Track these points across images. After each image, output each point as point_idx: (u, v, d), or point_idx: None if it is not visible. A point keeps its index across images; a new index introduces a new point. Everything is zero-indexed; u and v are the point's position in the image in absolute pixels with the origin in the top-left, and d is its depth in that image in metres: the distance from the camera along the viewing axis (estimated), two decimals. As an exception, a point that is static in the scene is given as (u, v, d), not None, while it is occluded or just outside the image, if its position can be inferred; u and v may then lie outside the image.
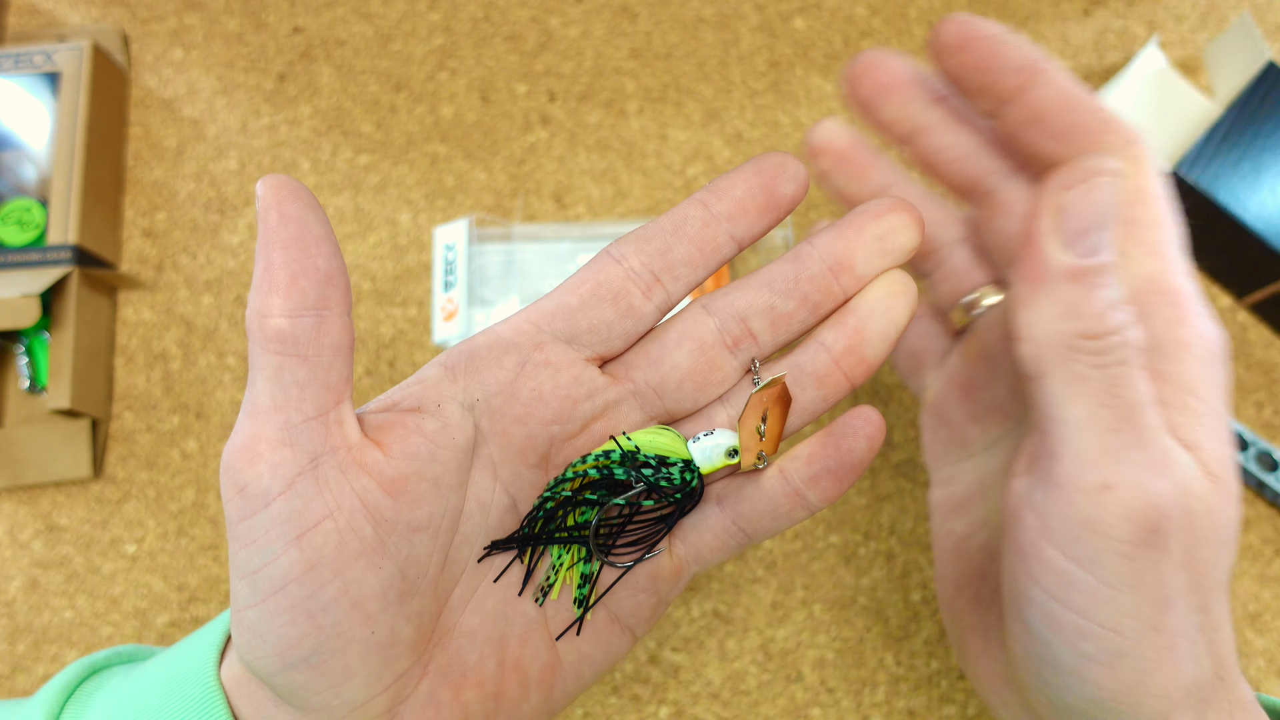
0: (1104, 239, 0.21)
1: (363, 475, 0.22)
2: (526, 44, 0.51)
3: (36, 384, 0.43)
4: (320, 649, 0.21)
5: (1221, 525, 0.20)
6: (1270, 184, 0.43)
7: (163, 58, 0.51)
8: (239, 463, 0.21)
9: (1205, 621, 0.21)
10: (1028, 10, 0.51)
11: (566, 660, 0.26)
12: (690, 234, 0.24)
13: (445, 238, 0.44)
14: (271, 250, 0.21)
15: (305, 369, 0.21)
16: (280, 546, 0.21)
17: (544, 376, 0.24)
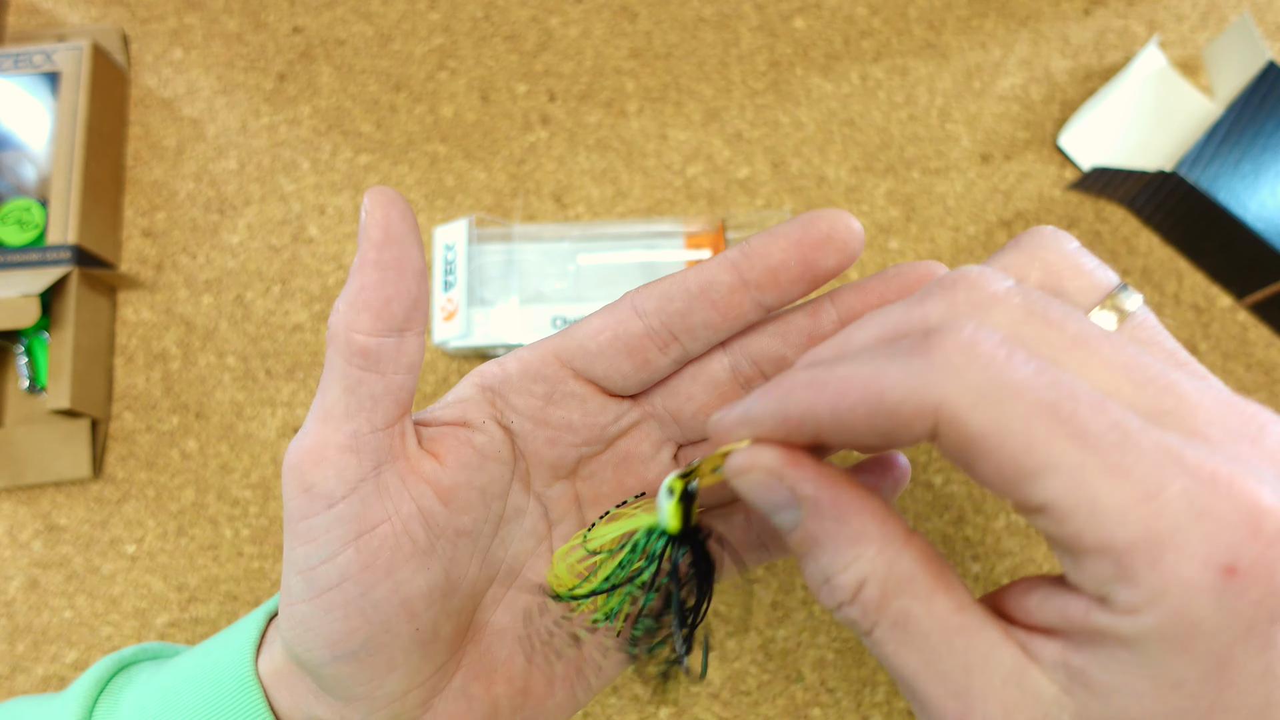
0: (786, 519, 0.20)
1: (420, 483, 0.23)
2: (526, 44, 0.51)
3: (36, 384, 0.43)
4: (368, 643, 0.22)
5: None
6: (1270, 184, 0.43)
7: (162, 57, 0.51)
8: (306, 464, 0.22)
9: None
10: (1028, 10, 0.51)
11: (591, 658, 0.27)
12: (714, 299, 0.23)
13: (445, 238, 0.44)
14: (370, 270, 0.22)
15: (381, 384, 0.22)
16: (339, 546, 0.22)
17: (571, 406, 0.25)
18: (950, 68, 0.50)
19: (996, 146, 0.48)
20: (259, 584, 0.41)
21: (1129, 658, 0.16)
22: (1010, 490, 0.16)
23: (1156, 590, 0.15)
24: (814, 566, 0.19)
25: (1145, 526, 0.15)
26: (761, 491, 0.20)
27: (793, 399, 0.19)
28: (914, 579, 0.18)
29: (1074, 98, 0.49)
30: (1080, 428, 0.16)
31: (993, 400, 0.16)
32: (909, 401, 0.16)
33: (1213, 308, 0.46)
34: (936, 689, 0.18)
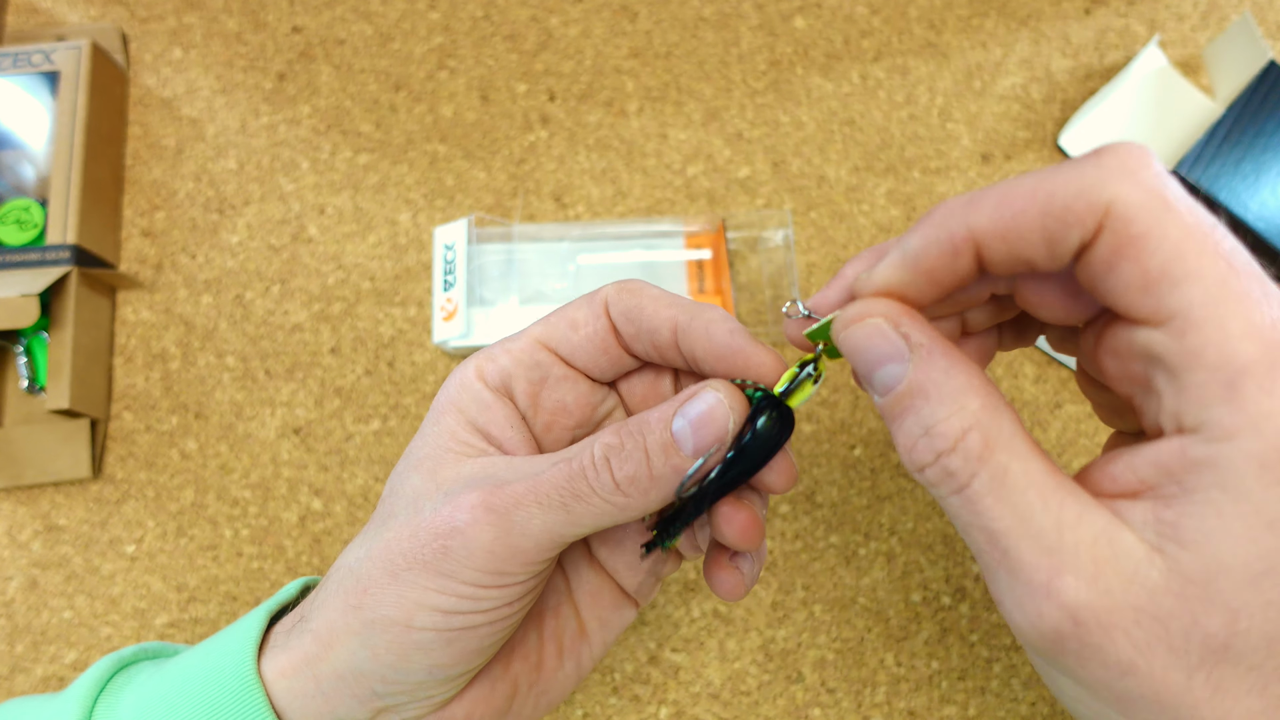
0: (891, 372, 0.20)
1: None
2: (526, 43, 0.51)
3: (36, 384, 0.43)
4: (468, 663, 0.24)
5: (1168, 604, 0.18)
6: (1271, 184, 0.43)
7: (162, 57, 0.51)
8: (530, 536, 0.23)
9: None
10: (1028, 10, 0.51)
11: (590, 627, 0.29)
12: (668, 340, 0.25)
13: (445, 237, 0.44)
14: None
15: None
16: (494, 604, 0.23)
17: (565, 389, 0.26)
18: (951, 67, 0.50)
19: (997, 146, 0.48)
20: (258, 584, 0.41)
21: (1223, 497, 0.16)
22: (1147, 293, 0.17)
23: (1262, 413, 0.16)
24: (913, 420, 0.19)
25: (1265, 351, 0.16)
26: (875, 339, 0.20)
27: (953, 216, 0.19)
28: (1014, 438, 0.19)
29: (1074, 97, 0.49)
30: (1225, 252, 0.17)
31: (1161, 205, 0.17)
32: (1081, 198, 0.17)
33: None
34: (1029, 546, 0.18)
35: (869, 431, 0.43)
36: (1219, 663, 0.17)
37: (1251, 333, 0.16)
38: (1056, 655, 0.19)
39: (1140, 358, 0.18)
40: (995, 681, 0.39)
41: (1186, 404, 0.17)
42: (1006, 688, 0.39)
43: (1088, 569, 0.18)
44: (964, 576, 0.41)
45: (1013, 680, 0.39)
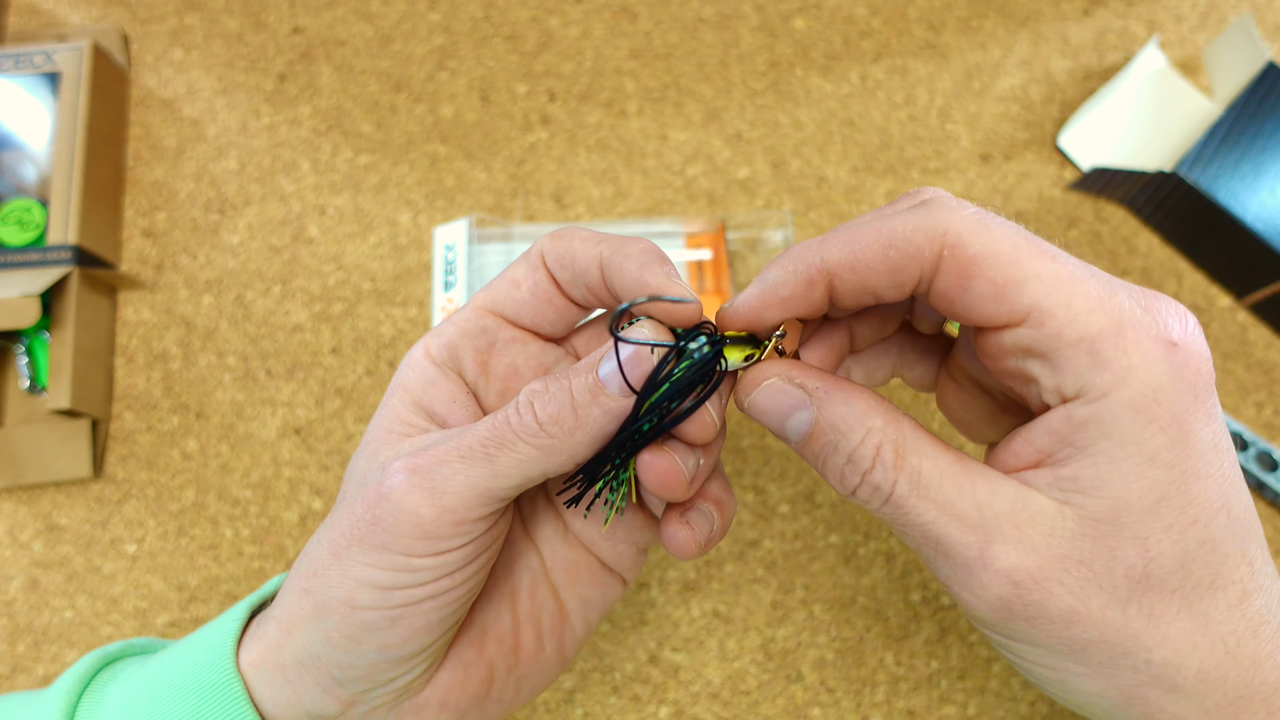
0: (800, 419, 0.22)
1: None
2: (526, 44, 0.51)
3: (36, 384, 0.43)
4: (418, 642, 0.23)
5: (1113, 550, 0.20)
6: (1270, 184, 0.43)
7: (163, 58, 0.51)
8: (458, 507, 0.23)
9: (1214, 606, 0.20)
10: (1028, 10, 0.51)
11: (571, 607, 0.28)
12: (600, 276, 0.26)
13: (445, 238, 0.44)
14: None
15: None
16: (431, 579, 0.23)
17: (514, 351, 0.26)
18: (950, 68, 0.50)
19: (996, 147, 0.49)
20: (259, 584, 0.41)
21: (1109, 445, 0.19)
22: (1000, 300, 0.20)
23: (1124, 366, 0.19)
24: (835, 456, 0.22)
25: (1108, 317, 0.19)
26: (778, 397, 0.23)
27: (809, 251, 0.22)
28: (919, 441, 0.21)
29: (1074, 98, 0.49)
30: (1050, 252, 0.20)
31: (986, 228, 0.20)
32: (919, 231, 0.20)
33: (1212, 308, 0.46)
34: (956, 529, 0.21)
35: (869, 431, 0.43)
36: (1145, 591, 0.20)
37: (1094, 306, 0.19)
38: (1008, 622, 0.21)
39: (1012, 355, 0.21)
40: (995, 681, 0.39)
41: (1063, 378, 0.20)
42: (1006, 687, 0.39)
43: (1011, 534, 0.20)
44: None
45: (1012, 680, 0.39)
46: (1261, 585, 0.20)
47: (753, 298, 0.23)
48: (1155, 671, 0.20)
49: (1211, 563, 0.20)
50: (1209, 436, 0.20)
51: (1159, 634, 0.20)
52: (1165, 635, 0.20)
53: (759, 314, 0.23)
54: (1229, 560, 0.20)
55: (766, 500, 0.42)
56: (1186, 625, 0.20)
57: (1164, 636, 0.20)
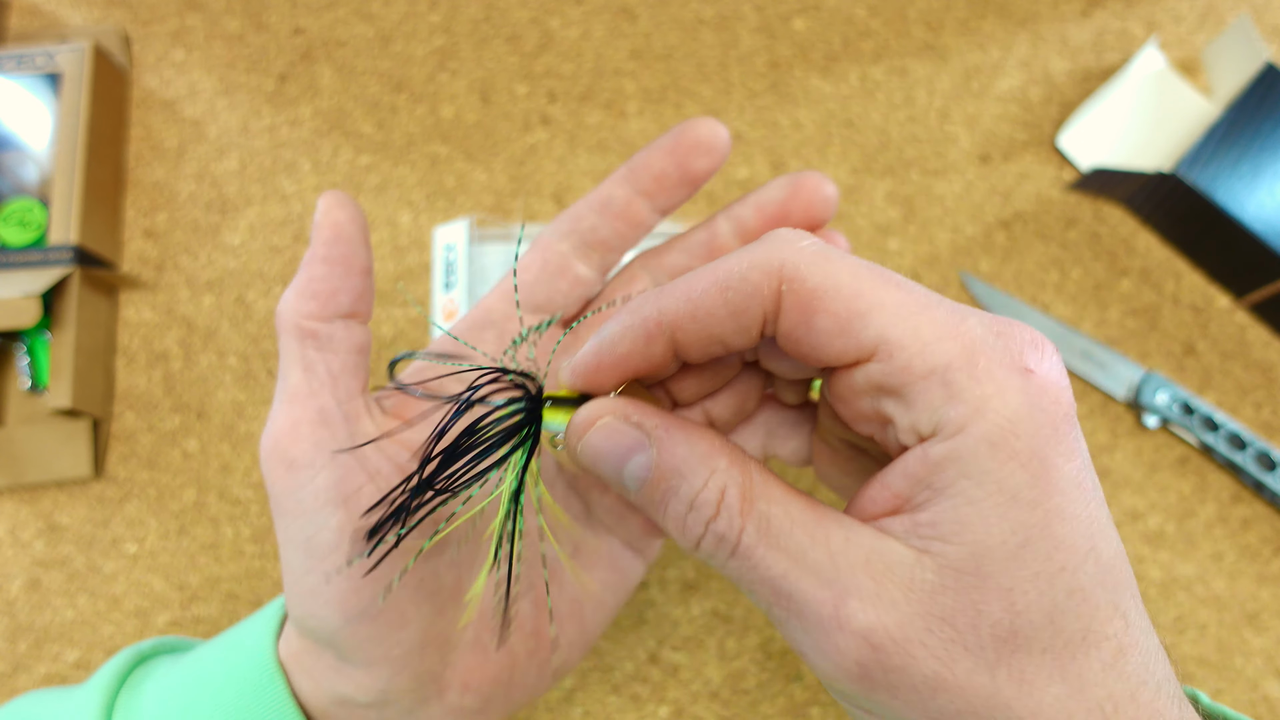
0: (639, 464, 0.21)
1: (391, 444, 0.25)
2: (526, 45, 0.51)
3: (37, 384, 0.43)
4: (376, 599, 0.23)
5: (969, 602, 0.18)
6: (1269, 184, 0.43)
7: (164, 58, 0.51)
8: (284, 442, 0.23)
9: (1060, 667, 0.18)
10: (1027, 10, 0.51)
11: (590, 591, 0.28)
12: (615, 212, 0.27)
13: (445, 238, 0.45)
14: (318, 264, 0.24)
15: (337, 361, 0.24)
16: (330, 510, 0.23)
17: (524, 344, 0.27)
18: (949, 69, 0.50)
19: (995, 147, 0.49)
20: (260, 583, 0.41)
21: (968, 484, 0.18)
22: (845, 335, 0.19)
23: (978, 397, 0.18)
24: (676, 501, 0.20)
25: (960, 345, 0.18)
26: (613, 438, 0.21)
27: (645, 303, 0.21)
28: (767, 485, 0.20)
29: (1073, 98, 0.49)
30: (894, 280, 0.19)
31: (824, 260, 0.19)
32: (756, 268, 0.19)
33: (1211, 308, 0.46)
34: (808, 583, 0.18)
35: (868, 431, 0.43)
36: (1014, 651, 0.18)
37: (944, 334, 0.18)
38: (869, 692, 0.18)
39: (865, 394, 0.19)
40: (994, 680, 0.39)
41: (917, 414, 0.18)
42: (1005, 687, 0.39)
43: (869, 588, 0.18)
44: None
45: (1011, 679, 0.39)
46: (1136, 641, 0.18)
47: (589, 356, 0.22)
48: None
49: (1082, 615, 0.18)
50: (1071, 473, 0.18)
51: (1031, 702, 0.18)
52: (1039, 704, 0.18)
53: (595, 373, 0.22)
54: (1100, 612, 0.18)
55: (766, 500, 0.42)
56: (1060, 691, 0.18)
57: (1037, 705, 0.18)
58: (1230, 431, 0.42)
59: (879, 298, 0.18)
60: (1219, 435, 0.42)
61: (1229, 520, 0.42)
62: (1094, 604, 0.18)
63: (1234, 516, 0.42)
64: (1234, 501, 0.42)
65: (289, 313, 0.24)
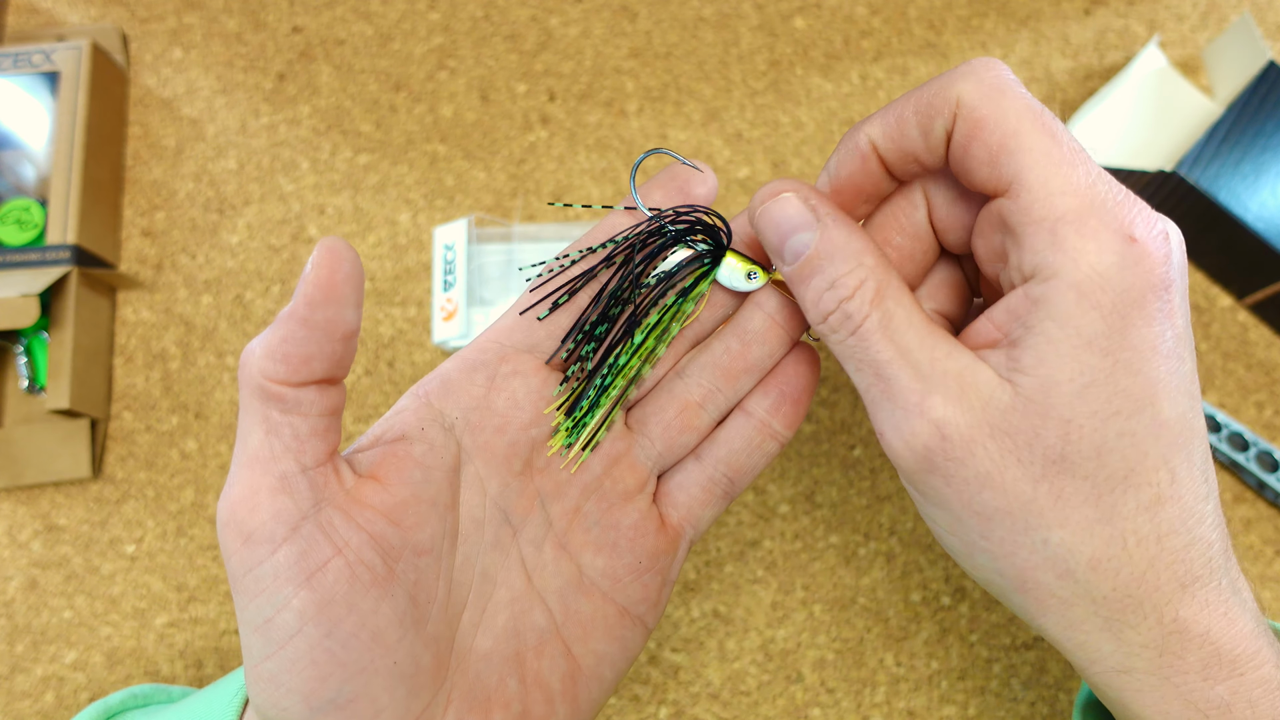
0: (801, 240, 0.23)
1: (365, 509, 0.22)
2: (526, 43, 0.51)
3: (36, 384, 0.43)
4: (346, 686, 0.21)
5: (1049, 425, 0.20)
6: (1270, 184, 0.43)
7: (162, 57, 0.51)
8: (240, 512, 0.21)
9: (1139, 499, 0.21)
10: (1028, 10, 0.51)
11: (585, 665, 0.26)
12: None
13: (445, 238, 0.44)
14: (297, 325, 0.21)
15: (305, 424, 0.22)
16: (291, 590, 0.21)
17: (515, 385, 0.25)
18: (950, 67, 0.50)
19: (996, 146, 0.48)
20: (258, 584, 0.41)
21: (1052, 325, 0.20)
22: (991, 165, 0.21)
23: (1076, 249, 0.20)
24: (820, 278, 0.23)
25: (1079, 202, 0.20)
26: (788, 210, 0.24)
27: (856, 130, 0.24)
28: (901, 291, 0.23)
29: (1074, 98, 0.49)
30: (1052, 130, 0.21)
31: (999, 95, 0.21)
32: (941, 93, 0.22)
33: (1213, 308, 0.46)
34: (906, 373, 0.22)
35: (869, 432, 0.43)
36: (1059, 473, 0.20)
37: (1068, 189, 0.20)
38: (927, 473, 0.22)
39: (996, 229, 0.22)
40: (995, 681, 0.39)
41: (1025, 255, 0.21)
42: (1006, 687, 0.39)
43: (953, 391, 0.21)
44: (963, 577, 0.41)
45: (1012, 680, 0.39)
46: (1179, 496, 0.21)
47: (821, 186, 0.25)
48: (1051, 552, 0.21)
49: (1128, 458, 0.20)
50: (1150, 336, 0.20)
51: (1061, 515, 0.20)
52: (1067, 517, 0.20)
53: (834, 198, 0.25)
54: (1148, 461, 0.20)
55: (766, 500, 0.42)
56: (1090, 513, 0.20)
57: (1065, 518, 0.20)
58: (1232, 431, 0.42)
59: (1029, 141, 0.20)
60: (1220, 435, 0.42)
61: (1231, 521, 0.42)
62: (1142, 451, 0.20)
63: (1236, 517, 0.42)
64: (1236, 502, 0.42)
65: (254, 371, 0.21)
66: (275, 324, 0.21)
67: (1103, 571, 0.21)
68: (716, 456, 0.27)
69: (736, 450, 0.27)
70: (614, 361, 0.26)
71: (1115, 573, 0.21)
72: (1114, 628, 0.21)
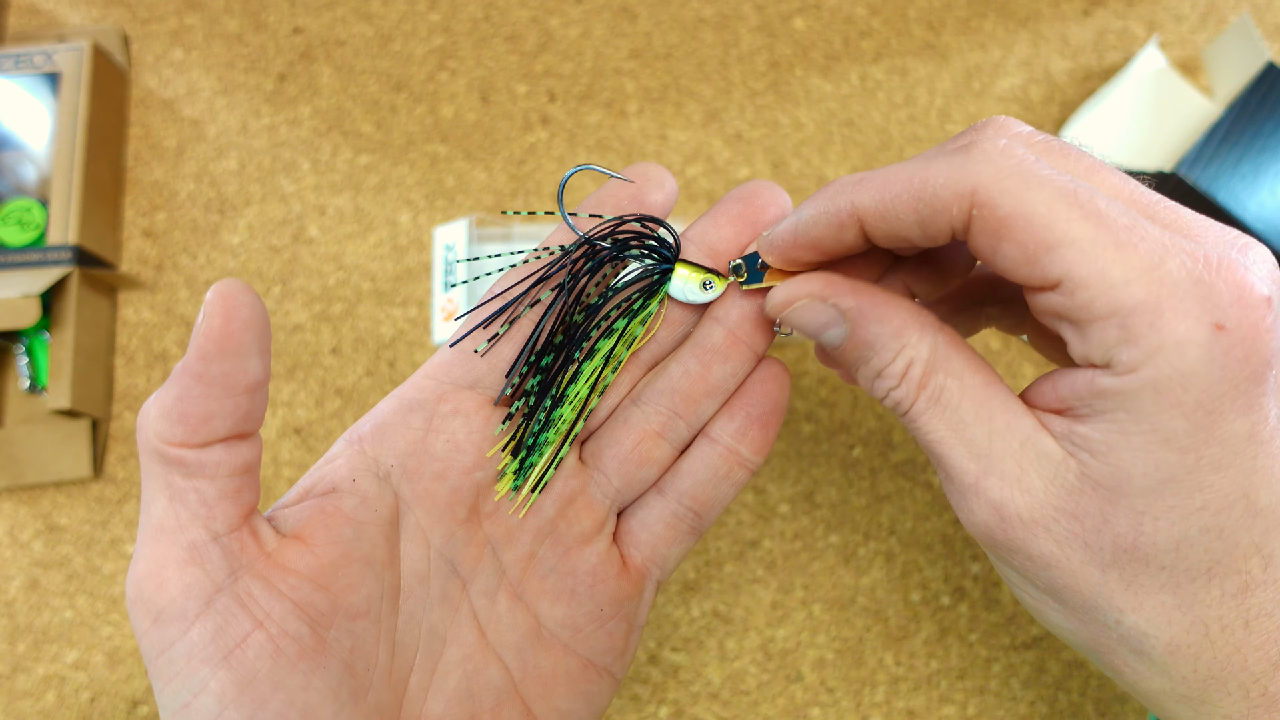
0: (834, 335, 0.22)
1: (288, 575, 0.20)
2: (526, 44, 0.51)
3: (37, 384, 0.43)
4: None
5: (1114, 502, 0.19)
6: (1270, 184, 0.43)
7: (163, 58, 0.51)
8: (148, 590, 0.19)
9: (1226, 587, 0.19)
10: (1028, 10, 0.51)
11: None
12: None
13: (445, 238, 0.44)
14: (192, 381, 0.19)
15: (213, 487, 0.20)
16: (208, 671, 0.19)
17: (455, 425, 0.23)
18: (950, 68, 0.50)
19: (996, 147, 0.48)
20: (259, 584, 0.41)
21: (1126, 418, 0.18)
22: (1031, 266, 0.18)
23: (1154, 346, 0.17)
24: (866, 369, 0.22)
25: (1148, 291, 0.17)
26: (810, 315, 0.22)
27: (842, 194, 0.21)
28: (949, 359, 0.21)
29: (1074, 98, 0.49)
30: (1095, 211, 0.18)
31: (1021, 185, 0.18)
32: (949, 187, 0.19)
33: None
34: (960, 452, 0.20)
35: (868, 432, 0.43)
36: (1130, 561, 0.19)
37: (1132, 276, 0.18)
38: (993, 548, 0.21)
39: (1046, 313, 0.20)
40: (994, 681, 0.39)
41: (1091, 348, 0.19)
42: (1006, 687, 0.39)
43: (1012, 472, 0.20)
44: (963, 576, 0.41)
45: (1012, 680, 0.39)
46: (1272, 580, 0.19)
47: (785, 234, 0.23)
48: (1124, 633, 0.20)
49: (1213, 550, 0.19)
50: (1243, 428, 0.18)
51: (1134, 600, 0.19)
52: (1141, 603, 0.19)
53: (790, 251, 0.23)
54: (1237, 550, 0.19)
55: (766, 500, 0.42)
56: (1167, 600, 0.19)
57: (1139, 604, 0.19)
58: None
59: (1071, 232, 0.18)
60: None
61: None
62: (1231, 542, 0.19)
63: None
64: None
65: (149, 435, 0.19)
66: (169, 380, 0.19)
67: (1181, 656, 0.19)
68: (680, 489, 0.25)
69: (701, 482, 0.25)
70: (559, 394, 0.24)
71: (1195, 658, 0.19)
72: (1194, 704, 0.20)
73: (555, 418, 0.24)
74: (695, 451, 0.25)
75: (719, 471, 0.25)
